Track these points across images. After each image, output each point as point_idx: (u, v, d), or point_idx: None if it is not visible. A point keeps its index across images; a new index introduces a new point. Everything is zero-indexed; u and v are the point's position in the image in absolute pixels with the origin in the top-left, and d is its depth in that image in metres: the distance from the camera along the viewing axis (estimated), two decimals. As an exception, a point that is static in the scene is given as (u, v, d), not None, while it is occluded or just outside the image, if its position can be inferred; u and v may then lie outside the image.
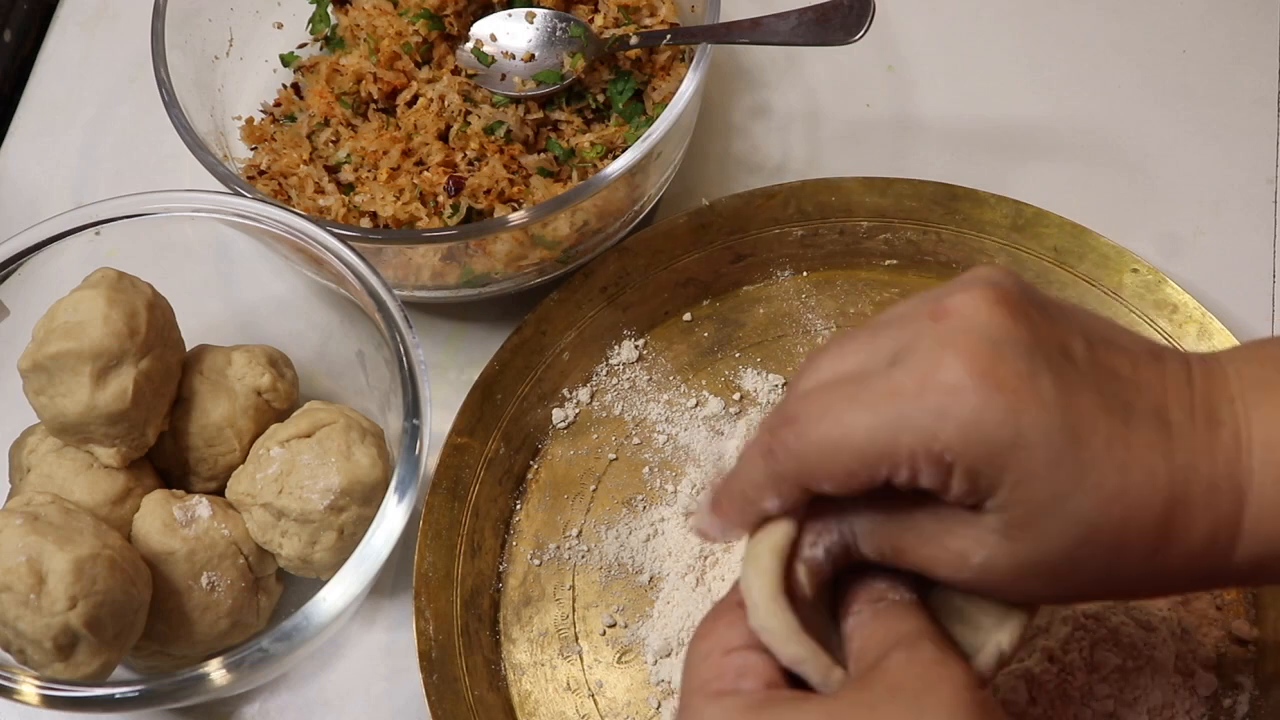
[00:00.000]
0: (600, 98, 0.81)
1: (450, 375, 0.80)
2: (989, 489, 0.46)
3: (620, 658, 0.71)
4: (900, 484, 0.47)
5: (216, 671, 0.62)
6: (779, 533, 0.50)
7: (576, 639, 0.72)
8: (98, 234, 0.71)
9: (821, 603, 0.51)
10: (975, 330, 0.46)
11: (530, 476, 0.76)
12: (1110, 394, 0.47)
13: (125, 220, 0.71)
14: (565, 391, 0.78)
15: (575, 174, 0.79)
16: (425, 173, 0.77)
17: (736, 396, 0.77)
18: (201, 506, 0.68)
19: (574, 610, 0.72)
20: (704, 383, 0.78)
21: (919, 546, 0.49)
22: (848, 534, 0.50)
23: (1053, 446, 0.46)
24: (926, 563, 0.49)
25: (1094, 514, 0.46)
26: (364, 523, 0.67)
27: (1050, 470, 0.46)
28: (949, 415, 0.45)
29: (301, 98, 0.84)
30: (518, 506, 0.75)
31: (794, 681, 0.49)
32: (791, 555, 0.50)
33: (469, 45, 0.82)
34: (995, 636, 0.50)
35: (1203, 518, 0.47)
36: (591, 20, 0.82)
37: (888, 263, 0.81)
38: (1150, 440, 0.47)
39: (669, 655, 0.70)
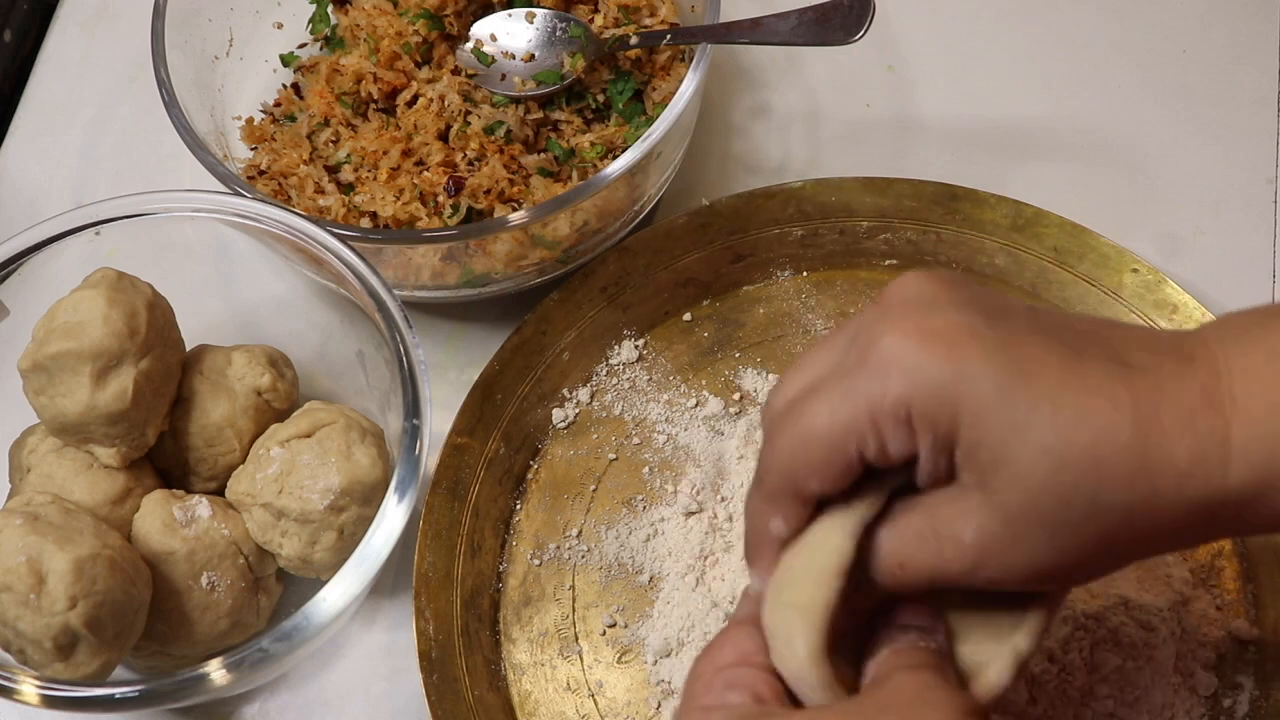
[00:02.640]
0: (600, 98, 0.81)
1: (450, 375, 0.80)
2: (950, 433, 0.47)
3: (620, 658, 0.71)
4: (877, 460, 0.48)
5: (216, 671, 0.62)
6: (821, 556, 0.49)
7: (576, 639, 0.72)
8: (98, 234, 0.71)
9: (839, 656, 0.50)
10: (908, 300, 0.49)
11: (530, 476, 0.76)
12: (1058, 339, 0.48)
13: (125, 220, 0.71)
14: (565, 391, 0.78)
15: (575, 174, 0.79)
16: (425, 173, 0.77)
17: (736, 396, 0.77)
18: (201, 506, 0.68)
19: (574, 610, 0.72)
20: (704, 383, 0.78)
21: (920, 550, 0.49)
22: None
23: (999, 379, 0.46)
24: (931, 564, 0.49)
25: (1059, 440, 0.46)
26: (364, 523, 0.67)
27: (1003, 400, 0.46)
28: (894, 371, 0.47)
29: (301, 98, 0.84)
30: (518, 506, 0.75)
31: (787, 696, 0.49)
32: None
33: (469, 45, 0.82)
34: (1011, 641, 0.50)
35: (1182, 438, 0.46)
36: (591, 20, 0.82)
37: (888, 263, 0.81)
38: (1107, 370, 0.47)
39: (669, 655, 0.70)
